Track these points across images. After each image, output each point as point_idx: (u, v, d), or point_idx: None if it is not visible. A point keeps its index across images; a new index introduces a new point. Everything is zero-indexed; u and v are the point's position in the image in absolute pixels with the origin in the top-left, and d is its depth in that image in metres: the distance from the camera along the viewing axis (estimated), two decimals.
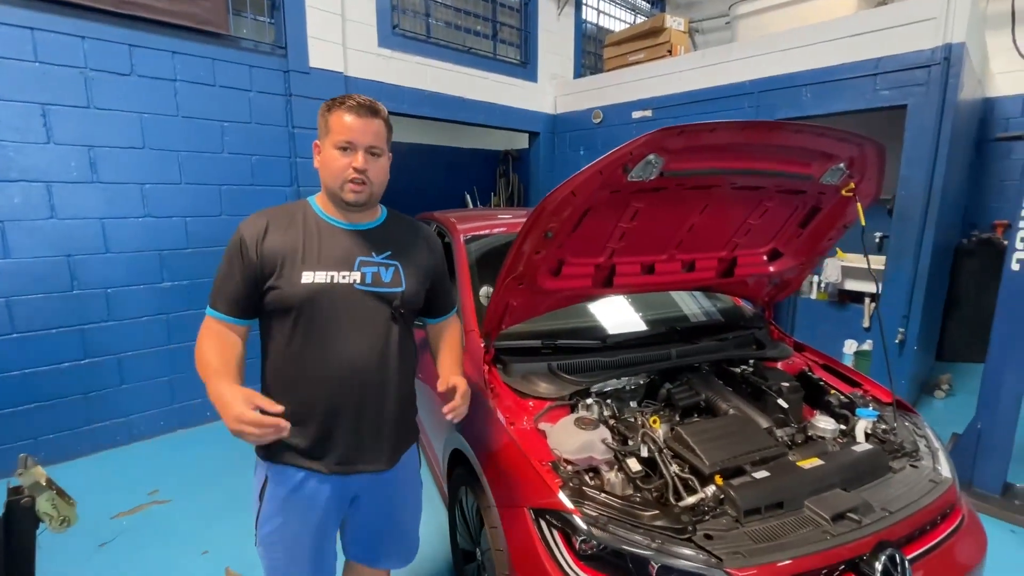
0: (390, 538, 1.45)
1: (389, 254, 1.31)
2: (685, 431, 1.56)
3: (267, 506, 1.27)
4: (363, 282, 1.25)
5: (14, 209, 2.67)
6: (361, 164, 1.20)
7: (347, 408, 1.25)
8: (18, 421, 2.76)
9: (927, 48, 3.03)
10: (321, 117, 1.24)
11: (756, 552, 1.21)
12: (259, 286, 1.21)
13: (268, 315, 1.24)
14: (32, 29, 2.61)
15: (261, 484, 1.28)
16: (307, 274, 1.20)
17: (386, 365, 1.29)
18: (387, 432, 1.32)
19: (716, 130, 1.40)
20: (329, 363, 1.23)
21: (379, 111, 1.25)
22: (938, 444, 1.73)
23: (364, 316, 1.25)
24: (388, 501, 1.40)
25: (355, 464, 1.29)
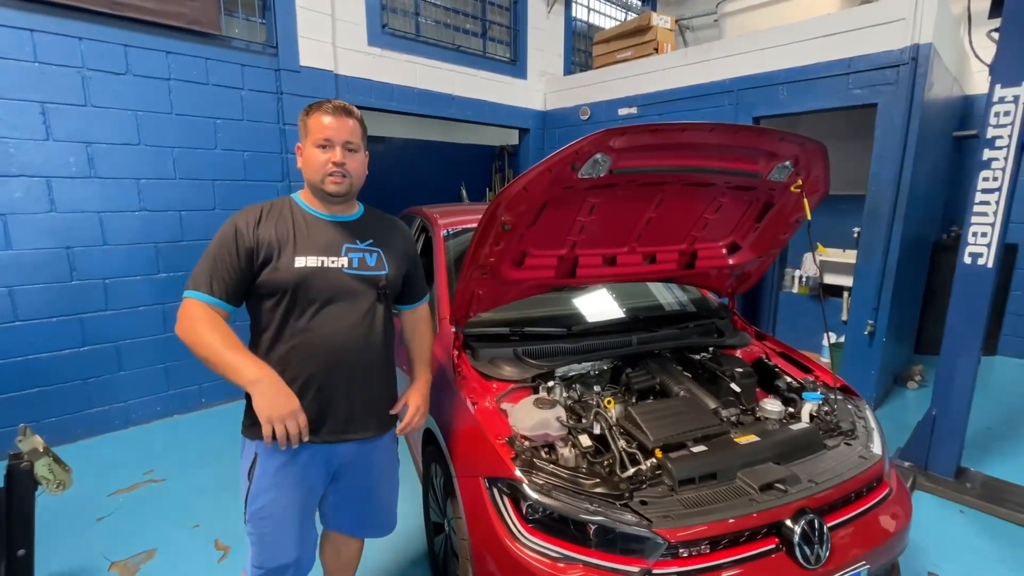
0: (372, 507, 1.56)
1: (371, 242, 1.45)
2: (635, 411, 1.69)
3: (257, 482, 1.34)
4: (350, 266, 1.38)
5: (15, 203, 2.80)
6: (339, 158, 1.33)
7: (340, 381, 1.37)
8: (21, 404, 2.90)
9: (896, 48, 3.12)
10: (301, 122, 1.38)
11: (684, 516, 1.33)
12: (252, 271, 1.31)
13: (261, 298, 1.33)
14: (32, 31, 2.73)
15: (250, 462, 1.35)
16: (300, 259, 1.31)
17: (373, 342, 1.42)
18: (375, 403, 1.46)
19: (658, 131, 1.50)
20: (322, 340, 1.33)
21: (353, 112, 1.38)
22: (874, 425, 1.84)
23: (352, 297, 1.37)
24: (371, 471, 1.50)
25: (347, 432, 1.40)
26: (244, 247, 1.29)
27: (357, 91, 4.07)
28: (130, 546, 2.20)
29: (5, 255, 2.80)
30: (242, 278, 1.30)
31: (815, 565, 1.34)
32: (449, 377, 1.90)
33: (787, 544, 1.36)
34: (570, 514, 1.33)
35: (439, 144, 6.85)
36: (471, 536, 1.51)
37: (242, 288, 1.31)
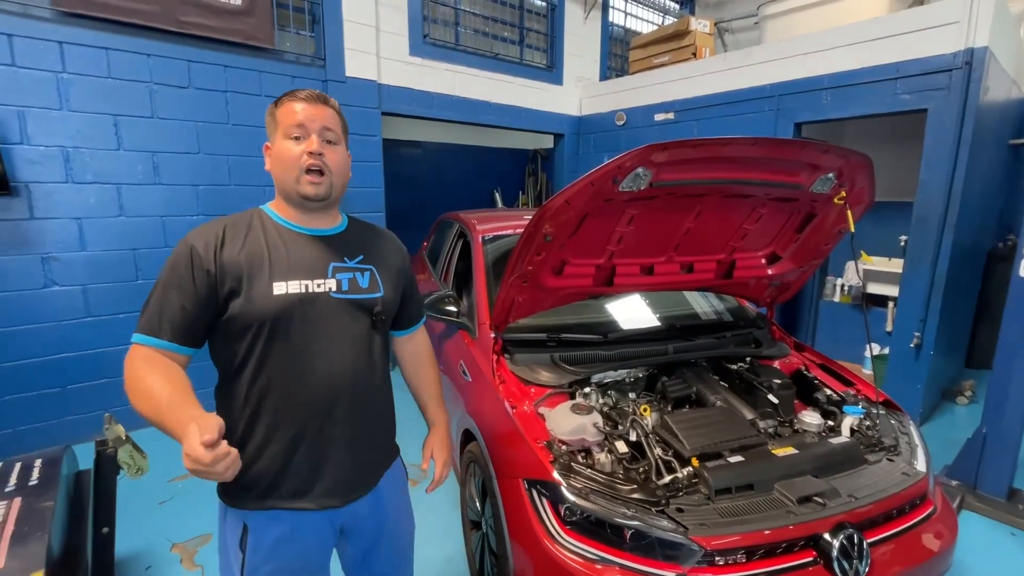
0: (388, 562, 1.33)
1: (362, 258, 1.19)
2: (671, 419, 1.72)
3: (252, 557, 1.10)
4: (340, 289, 1.12)
5: (90, 208, 3.03)
6: (316, 147, 1.07)
7: (337, 432, 1.13)
8: (94, 394, 3.14)
9: (948, 52, 3.02)
10: (269, 116, 1.13)
11: (720, 524, 1.36)
12: (215, 304, 1.04)
13: (229, 336, 1.06)
14: (107, 49, 2.96)
15: (240, 535, 1.11)
16: (279, 284, 1.05)
17: (372, 379, 1.19)
18: (379, 450, 1.25)
19: (700, 146, 1.53)
20: (311, 384, 1.08)
21: (329, 100, 1.13)
22: (919, 441, 1.81)
23: (344, 327, 1.12)
24: (382, 524, 1.28)
25: (352, 493, 1.18)
26: (203, 274, 1.02)
27: (399, 100, 4.21)
28: (188, 530, 2.36)
29: (80, 255, 3.04)
30: (203, 313, 1.03)
31: None
32: (488, 381, 1.97)
33: (825, 558, 1.36)
34: (607, 517, 1.38)
35: (473, 148, 6.96)
36: (510, 535, 1.57)
37: (203, 325, 1.04)
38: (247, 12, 3.32)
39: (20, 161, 2.80)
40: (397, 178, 6.81)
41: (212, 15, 3.20)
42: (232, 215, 1.13)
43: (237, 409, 1.09)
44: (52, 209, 2.92)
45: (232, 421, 1.08)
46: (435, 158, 7.42)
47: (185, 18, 3.12)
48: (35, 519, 1.29)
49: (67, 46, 2.86)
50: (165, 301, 1.02)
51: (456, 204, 4.48)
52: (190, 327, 1.02)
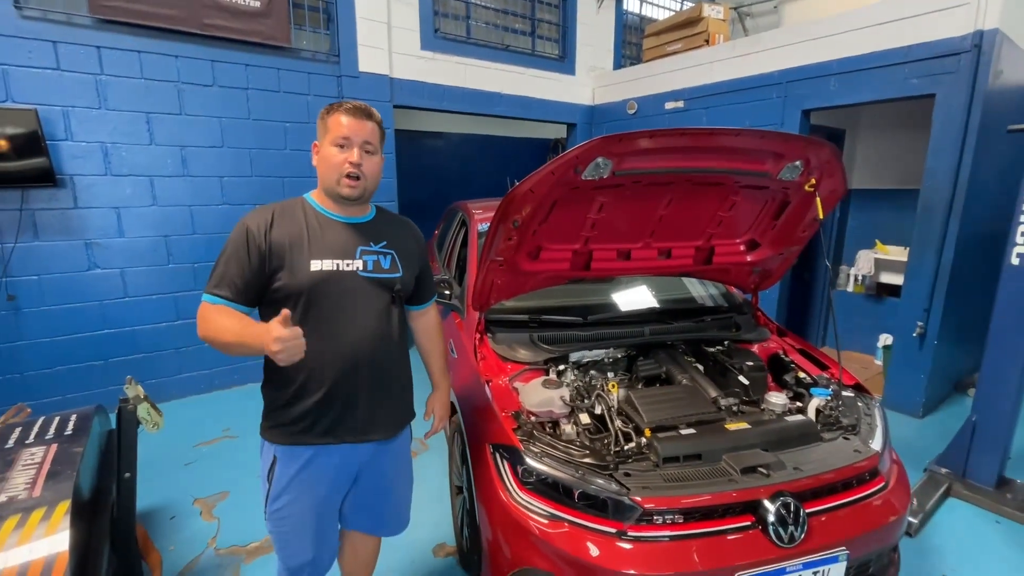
0: (388, 506, 1.58)
1: (385, 244, 1.42)
2: (635, 395, 1.83)
3: (276, 485, 1.36)
4: (365, 269, 1.36)
5: (126, 198, 3.33)
6: (356, 158, 1.30)
7: (360, 384, 1.37)
8: (127, 367, 3.46)
9: (957, 35, 2.95)
10: (320, 120, 1.35)
11: (662, 488, 1.47)
12: (265, 274, 1.28)
13: (277, 302, 1.28)
14: (139, 52, 3.22)
15: (269, 465, 1.37)
16: (315, 262, 1.29)
17: (390, 344, 1.42)
18: (393, 404, 1.48)
19: (655, 136, 1.62)
20: (339, 344, 1.32)
21: (372, 114, 1.36)
22: (879, 422, 1.86)
23: (368, 300, 1.36)
24: (389, 470, 1.52)
25: (367, 434, 1.41)
26: (256, 250, 1.27)
27: (410, 93, 4.37)
28: (209, 487, 2.63)
29: (119, 242, 3.34)
30: (255, 280, 1.28)
31: (788, 544, 1.43)
32: (470, 357, 2.12)
33: (762, 522, 1.46)
34: (556, 478, 1.51)
35: (495, 138, 7.07)
36: (477, 495, 1.73)
37: (256, 290, 1.29)
38: (266, 13, 3.53)
39: (65, 156, 3.11)
40: (420, 168, 7.00)
41: (233, 17, 3.43)
42: (281, 202, 1.38)
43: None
44: (93, 199, 3.23)
45: (277, 375, 1.34)
46: (457, 149, 7.56)
47: (209, 21, 3.36)
48: (67, 461, 1.52)
49: (104, 50, 3.13)
50: (227, 269, 1.27)
51: (476, 193, 4.61)
52: (245, 290, 1.27)
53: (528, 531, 1.50)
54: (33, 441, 1.64)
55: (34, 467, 1.49)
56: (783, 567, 1.42)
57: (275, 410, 1.36)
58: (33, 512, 1.32)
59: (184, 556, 2.17)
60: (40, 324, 3.18)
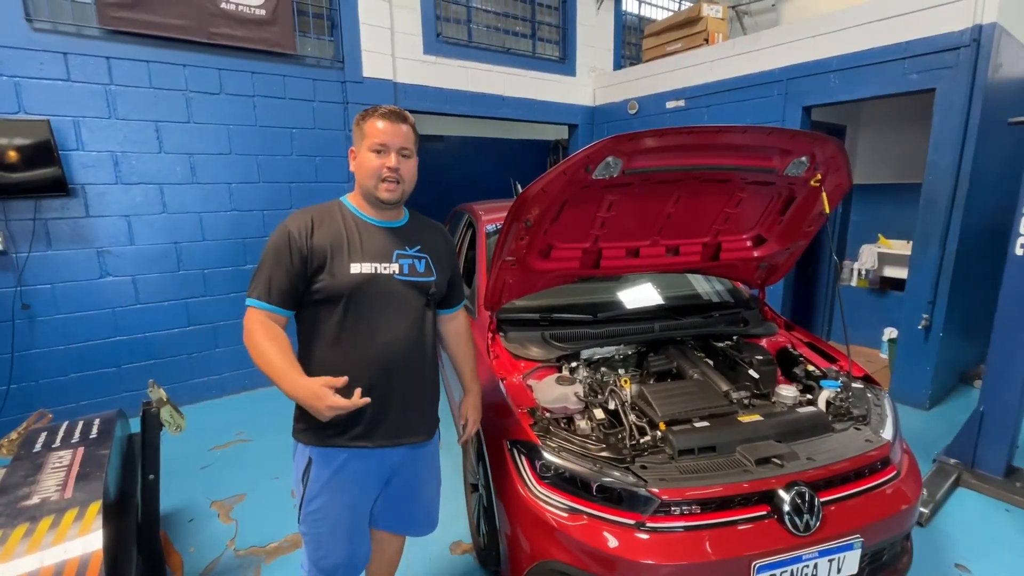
0: (417, 507, 1.58)
1: (419, 248, 1.45)
2: (648, 390, 1.86)
3: (312, 487, 1.37)
4: (401, 273, 1.38)
5: (137, 206, 3.37)
6: (394, 163, 1.33)
7: (395, 387, 1.37)
8: (141, 373, 3.50)
9: (956, 30, 2.98)
10: (356, 126, 1.39)
11: (678, 479, 1.50)
12: (307, 277, 1.30)
13: (315, 304, 1.33)
14: (148, 62, 3.27)
15: (304, 467, 1.38)
16: (355, 265, 1.32)
17: (424, 347, 1.44)
18: (426, 408, 1.50)
19: (664, 135, 1.65)
20: (376, 347, 1.34)
21: (407, 118, 1.39)
22: (889, 413, 1.89)
23: (403, 303, 1.38)
24: (418, 473, 1.53)
25: (400, 437, 1.42)
26: (298, 253, 1.29)
27: (413, 97, 4.41)
28: (225, 490, 2.66)
29: (130, 249, 3.38)
30: (297, 283, 1.30)
31: (804, 532, 1.46)
32: (483, 356, 2.15)
33: (777, 512, 1.48)
34: (574, 472, 1.54)
35: (496, 140, 7.11)
36: (495, 490, 1.76)
37: (297, 293, 1.31)
38: (271, 21, 3.57)
39: (77, 165, 3.15)
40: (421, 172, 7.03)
41: (239, 26, 3.47)
42: (317, 205, 1.41)
43: (315, 363, 1.35)
44: (104, 208, 3.27)
45: (311, 372, 1.32)
46: (458, 151, 7.60)
47: (215, 30, 3.40)
48: (95, 463, 1.55)
49: (114, 60, 3.18)
50: (272, 275, 1.29)
51: (478, 195, 4.64)
52: (289, 294, 1.30)
53: (547, 524, 1.53)
54: (60, 445, 1.67)
55: (63, 470, 1.53)
56: (799, 555, 1.45)
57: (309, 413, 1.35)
58: (66, 513, 1.35)
59: (204, 558, 2.20)
60: (54, 332, 3.22)
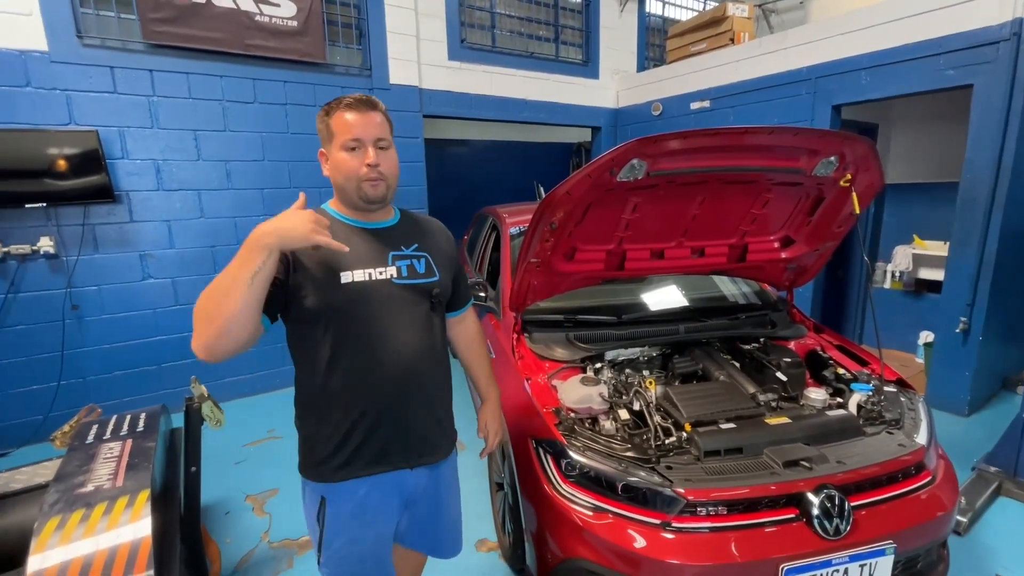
0: (443, 529, 1.45)
1: (417, 246, 1.30)
2: (673, 391, 1.86)
3: (330, 527, 1.23)
4: (400, 276, 1.23)
5: (176, 211, 3.52)
6: (373, 159, 1.16)
7: (410, 403, 1.24)
8: (180, 371, 3.65)
9: (995, 24, 2.89)
10: (321, 123, 1.20)
11: (704, 480, 1.50)
12: (288, 287, 1.13)
13: (306, 323, 1.17)
14: (187, 74, 3.42)
15: (318, 507, 1.23)
16: (345, 274, 1.16)
17: (435, 355, 1.30)
18: (443, 421, 1.36)
19: (689, 137, 1.66)
20: (382, 360, 1.19)
21: (377, 104, 1.21)
22: (924, 417, 1.84)
23: (406, 309, 1.24)
24: (440, 492, 1.39)
25: (421, 456, 1.29)
26: (282, 262, 1.09)
27: (439, 103, 4.49)
28: (259, 485, 2.76)
29: (170, 252, 3.54)
30: (278, 292, 1.10)
31: (833, 537, 1.44)
32: (508, 357, 2.18)
33: (806, 515, 1.47)
34: (600, 471, 1.56)
35: (519, 144, 7.16)
36: (521, 489, 1.79)
37: (279, 302, 1.13)
38: (302, 32, 3.70)
39: (122, 173, 3.32)
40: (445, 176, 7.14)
41: (272, 37, 3.60)
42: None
43: (316, 389, 1.19)
44: (147, 213, 3.43)
45: (312, 401, 1.21)
46: (481, 155, 7.68)
47: (250, 41, 3.53)
48: (142, 454, 1.65)
49: (156, 73, 3.34)
50: None
51: (502, 198, 4.70)
52: (268, 301, 1.07)
53: (573, 523, 1.54)
54: (110, 437, 1.77)
55: (114, 460, 1.62)
56: (829, 559, 1.43)
57: (317, 444, 1.22)
58: (118, 500, 1.43)
59: (240, 549, 2.28)
60: (100, 332, 3.38)
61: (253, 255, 0.99)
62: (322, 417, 1.21)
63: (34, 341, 3.21)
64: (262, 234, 1.00)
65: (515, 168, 7.07)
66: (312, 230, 1.01)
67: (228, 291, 0.99)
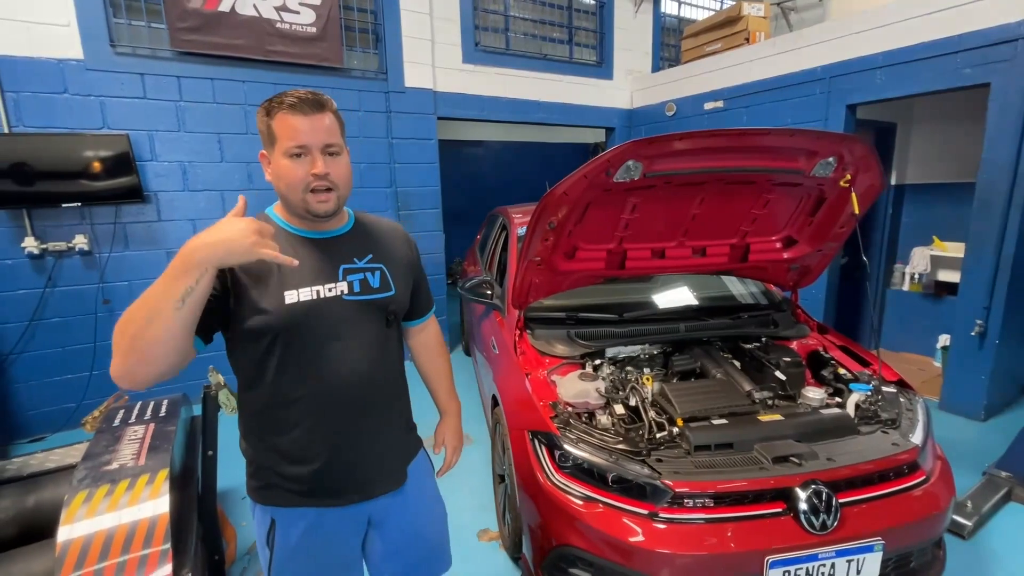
0: (422, 551, 1.33)
1: (371, 257, 1.18)
2: (669, 388, 1.90)
3: (279, 552, 1.14)
4: (352, 291, 1.11)
5: (200, 211, 3.68)
6: (322, 169, 1.02)
7: (361, 431, 1.14)
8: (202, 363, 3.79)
9: (1013, 21, 2.83)
10: (261, 123, 1.05)
11: (692, 473, 1.54)
12: (227, 306, 1.02)
13: (246, 346, 1.06)
14: (212, 79, 3.58)
15: (267, 529, 1.14)
16: (290, 293, 1.04)
17: (390, 376, 1.20)
18: (401, 444, 1.27)
19: (684, 138, 1.70)
20: (331, 388, 1.09)
21: (325, 103, 1.06)
22: (921, 418, 1.84)
23: (358, 329, 1.12)
24: (411, 518, 1.29)
25: (375, 489, 1.19)
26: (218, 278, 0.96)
27: (453, 105, 4.58)
28: None
29: None
30: (214, 308, 0.97)
31: (820, 532, 1.47)
32: (510, 352, 2.25)
33: (793, 510, 1.50)
34: (591, 462, 1.61)
35: (534, 144, 7.25)
36: (517, 478, 1.85)
37: (215, 320, 1.01)
38: (321, 38, 3.83)
39: (151, 175, 3.49)
40: (462, 176, 7.26)
41: (292, 43, 3.74)
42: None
43: (259, 415, 1.10)
44: (173, 212, 3.60)
45: (256, 425, 1.12)
46: (497, 156, 7.79)
47: (271, 47, 3.68)
48: (163, 437, 1.76)
49: (183, 79, 3.50)
50: None
51: (516, 198, 4.77)
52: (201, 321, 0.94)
53: (566, 512, 1.60)
54: (134, 421, 1.90)
55: (137, 441, 1.74)
56: (815, 553, 1.46)
57: (263, 469, 1.13)
58: (140, 478, 1.55)
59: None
60: None
61: (185, 273, 0.84)
62: (267, 444, 1.11)
63: (69, 333, 3.40)
64: (196, 248, 0.84)
65: (531, 168, 7.14)
66: (255, 243, 0.86)
67: (153, 314, 0.85)
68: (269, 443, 1.11)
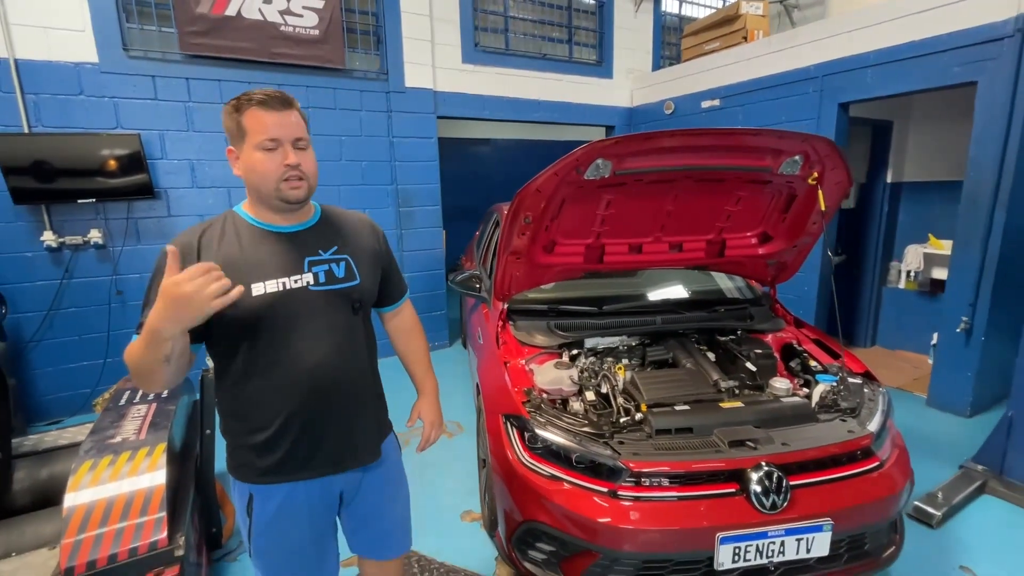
0: (385, 529, 1.41)
1: (336, 249, 1.24)
2: (639, 376, 1.99)
3: (257, 522, 1.22)
4: (317, 282, 1.18)
5: (208, 207, 3.85)
6: (293, 160, 1.10)
7: (330, 412, 1.21)
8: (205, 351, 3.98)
9: (999, 20, 2.85)
10: (229, 119, 1.12)
11: (651, 454, 1.64)
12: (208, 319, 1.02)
13: (220, 337, 1.14)
14: (219, 81, 3.73)
15: (247, 502, 1.22)
16: (257, 286, 1.10)
17: (358, 361, 1.27)
18: (368, 426, 1.32)
19: (650, 138, 1.79)
20: (299, 373, 1.16)
21: (292, 101, 1.15)
22: (881, 407, 1.90)
23: (324, 317, 1.19)
24: (379, 494, 1.37)
25: (346, 462, 1.26)
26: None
27: (453, 105, 4.69)
28: None
29: None
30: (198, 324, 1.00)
31: (770, 511, 1.55)
32: (493, 342, 2.35)
33: (745, 490, 1.58)
34: (557, 444, 1.71)
35: (534, 142, 7.31)
36: (491, 459, 1.96)
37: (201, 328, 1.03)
38: (323, 40, 3.96)
39: (161, 172, 3.66)
40: (463, 174, 7.37)
41: (296, 45, 3.87)
42: (206, 221, 1.18)
43: (235, 399, 1.18)
44: (183, 208, 3.76)
45: (232, 409, 1.20)
46: (499, 154, 7.89)
47: (276, 50, 3.82)
48: (163, 415, 1.90)
49: (192, 81, 3.66)
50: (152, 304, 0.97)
51: None
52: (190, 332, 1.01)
53: (533, 490, 1.70)
54: (139, 401, 2.05)
55: (140, 419, 1.88)
56: (765, 531, 1.54)
57: (239, 449, 1.21)
58: (140, 450, 1.69)
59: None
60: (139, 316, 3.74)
61: (158, 345, 0.94)
62: (243, 426, 1.19)
63: (84, 322, 3.59)
64: (161, 328, 0.92)
65: (531, 166, 7.11)
66: (208, 299, 0.91)
67: (145, 371, 1.00)
68: (244, 426, 1.19)
